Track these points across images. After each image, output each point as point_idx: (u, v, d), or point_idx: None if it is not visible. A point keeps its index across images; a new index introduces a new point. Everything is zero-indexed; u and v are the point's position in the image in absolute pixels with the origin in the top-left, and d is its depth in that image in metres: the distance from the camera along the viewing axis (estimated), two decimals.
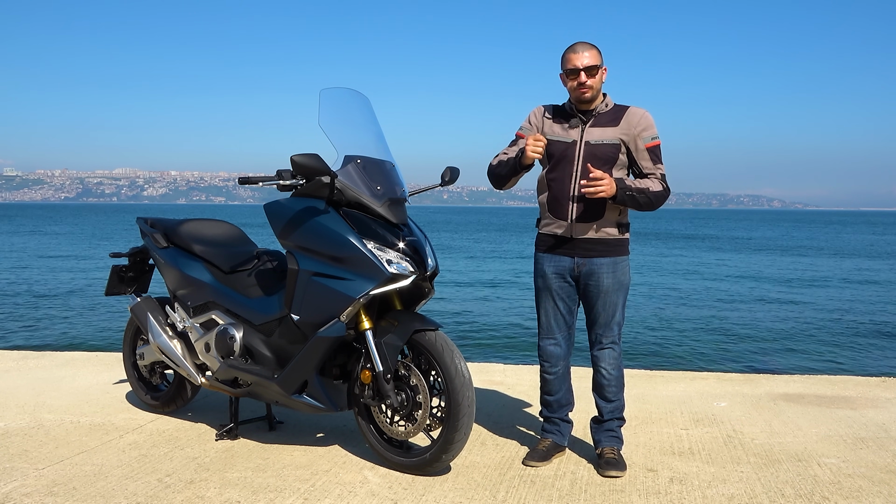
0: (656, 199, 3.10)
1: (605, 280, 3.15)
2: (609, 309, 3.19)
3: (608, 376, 3.23)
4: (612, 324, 3.21)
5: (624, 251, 3.20)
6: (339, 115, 3.30)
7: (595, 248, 3.15)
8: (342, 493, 2.90)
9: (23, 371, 5.05)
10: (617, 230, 3.16)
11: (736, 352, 10.66)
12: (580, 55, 3.06)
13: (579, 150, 3.12)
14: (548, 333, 3.29)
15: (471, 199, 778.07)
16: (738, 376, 5.09)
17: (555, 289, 3.24)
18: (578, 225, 3.14)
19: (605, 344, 3.23)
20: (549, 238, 3.24)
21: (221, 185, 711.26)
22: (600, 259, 3.15)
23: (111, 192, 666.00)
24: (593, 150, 3.10)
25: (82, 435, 3.65)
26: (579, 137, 3.13)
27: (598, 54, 3.09)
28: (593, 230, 3.13)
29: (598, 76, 3.09)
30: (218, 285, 3.62)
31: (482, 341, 11.39)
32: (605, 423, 3.28)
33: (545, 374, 3.32)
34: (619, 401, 3.27)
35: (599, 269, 3.14)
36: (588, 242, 3.15)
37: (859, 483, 3.04)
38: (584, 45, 3.09)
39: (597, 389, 3.28)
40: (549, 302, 3.26)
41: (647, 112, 3.13)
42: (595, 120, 3.14)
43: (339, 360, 3.29)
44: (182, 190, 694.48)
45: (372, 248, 3.03)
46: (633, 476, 3.11)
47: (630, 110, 3.14)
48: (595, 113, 3.15)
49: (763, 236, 53.63)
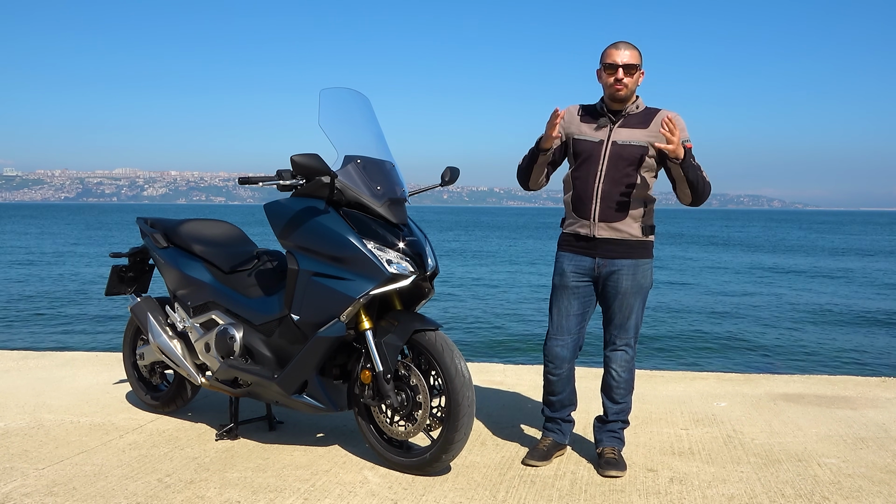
0: (706, 186, 3.06)
1: (624, 282, 3.13)
2: (625, 311, 3.17)
3: (617, 378, 3.23)
4: (626, 326, 3.19)
5: (647, 254, 3.17)
6: (339, 115, 3.30)
7: (616, 250, 3.13)
8: (342, 493, 2.90)
9: (23, 371, 5.05)
10: (640, 232, 3.13)
11: (736, 352, 10.66)
12: (621, 52, 3.07)
13: (605, 151, 3.10)
14: (557, 333, 3.26)
15: (471, 199, 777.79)
16: (738, 376, 5.09)
17: (571, 287, 3.21)
18: (601, 225, 3.11)
19: (618, 346, 3.22)
20: (571, 237, 3.22)
21: (221, 185, 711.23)
22: (622, 260, 3.13)
23: (111, 192, 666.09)
24: (620, 151, 3.08)
25: (82, 435, 3.65)
26: (606, 137, 3.11)
27: (639, 55, 3.09)
28: (616, 231, 3.11)
29: (635, 77, 3.09)
30: (218, 285, 3.62)
31: (482, 341, 11.39)
32: (609, 423, 3.28)
33: (549, 375, 3.31)
34: (626, 403, 3.27)
35: (619, 270, 3.12)
36: (610, 243, 3.12)
37: (859, 483, 3.04)
38: (626, 44, 3.09)
39: (605, 390, 3.28)
40: (563, 300, 3.23)
41: (678, 115, 3.07)
42: (624, 121, 3.12)
43: (339, 360, 3.29)
44: (182, 190, 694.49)
45: (372, 248, 3.03)
46: (633, 476, 3.11)
47: (661, 113, 3.11)
48: (625, 114, 3.13)
49: (763, 236, 53.63)
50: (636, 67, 3.07)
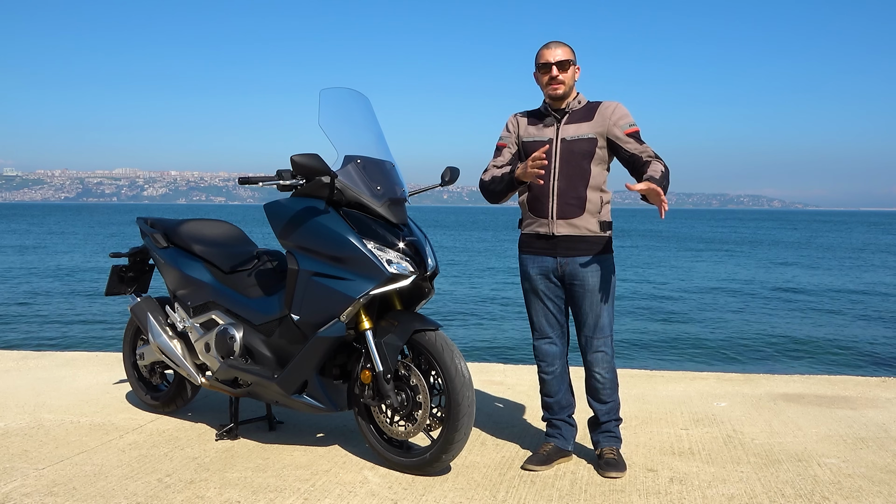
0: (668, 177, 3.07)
1: (590, 279, 3.13)
2: (596, 308, 3.16)
3: (602, 380, 3.21)
4: (601, 324, 3.18)
5: (606, 249, 3.18)
6: (339, 115, 3.30)
7: (577, 247, 3.13)
8: (342, 493, 2.90)
9: (23, 371, 5.05)
10: (598, 227, 3.14)
11: (736, 352, 10.66)
12: (553, 51, 3.13)
13: (556, 148, 3.13)
14: (541, 334, 3.29)
15: (471, 199, 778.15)
16: (738, 376, 5.08)
17: (541, 290, 3.23)
18: (559, 223, 3.13)
19: (597, 347, 3.20)
20: (531, 238, 3.23)
21: (221, 185, 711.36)
22: (583, 258, 3.13)
23: (111, 192, 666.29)
24: (570, 147, 3.12)
25: (82, 435, 3.65)
26: (555, 135, 3.15)
27: (571, 51, 3.15)
28: (575, 227, 3.12)
29: (570, 72, 3.13)
30: (218, 285, 3.62)
31: (482, 341, 11.39)
32: (602, 424, 3.27)
33: (542, 374, 3.31)
34: (614, 401, 3.26)
35: (583, 268, 3.13)
36: (569, 241, 3.13)
37: (859, 483, 3.04)
38: (557, 42, 3.15)
39: (591, 393, 3.26)
40: (537, 303, 3.26)
41: (620, 104, 3.15)
42: (569, 117, 3.16)
43: (339, 360, 3.29)
44: (182, 190, 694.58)
45: (372, 248, 3.03)
46: (633, 476, 3.11)
47: (602, 104, 3.17)
48: (569, 110, 3.17)
49: (764, 235, 53.63)
50: (569, 62, 3.12)
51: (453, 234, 53.75)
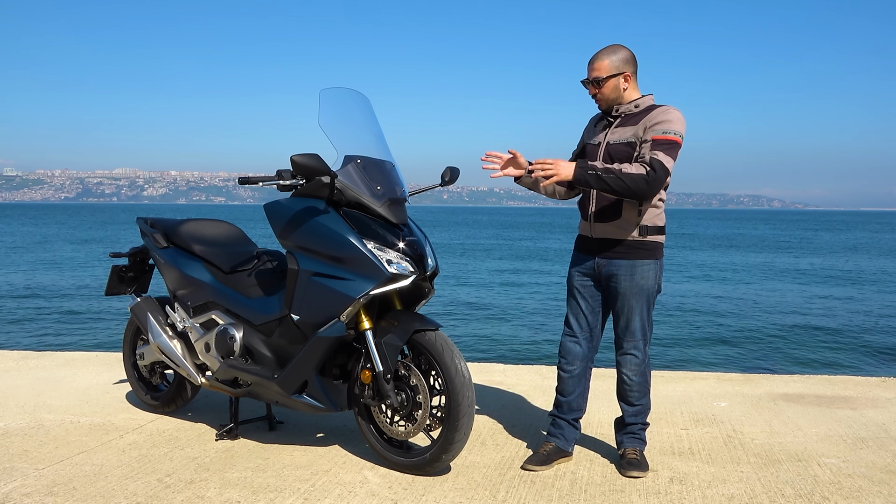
0: (631, 181, 2.92)
1: (623, 283, 3.15)
2: (627, 313, 3.18)
3: (629, 382, 3.23)
4: (631, 328, 3.19)
5: (646, 255, 3.14)
6: (339, 115, 3.30)
7: (614, 249, 3.16)
8: (342, 493, 2.90)
9: (23, 371, 5.05)
10: (637, 232, 3.13)
11: (736, 352, 10.66)
12: (589, 67, 3.16)
13: (601, 151, 3.17)
14: (569, 330, 3.34)
15: (471, 199, 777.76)
16: (738, 376, 5.08)
17: (577, 287, 3.29)
18: (597, 225, 3.18)
19: (626, 349, 3.22)
20: (579, 238, 3.33)
21: (221, 185, 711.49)
22: (619, 261, 3.15)
23: (111, 192, 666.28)
24: (610, 151, 3.14)
25: (82, 435, 3.65)
26: (603, 138, 3.19)
27: (608, 65, 3.10)
28: (611, 230, 3.15)
29: (611, 85, 3.11)
30: (218, 285, 3.62)
31: (482, 341, 11.39)
32: (628, 426, 3.28)
33: (561, 371, 3.34)
34: (643, 405, 3.27)
35: (617, 270, 3.15)
36: (607, 243, 3.17)
37: (859, 483, 3.04)
38: (596, 56, 3.14)
39: (619, 393, 3.29)
40: (572, 300, 3.33)
41: (671, 109, 3.05)
42: (621, 121, 3.17)
43: (339, 360, 3.29)
44: (182, 190, 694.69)
45: (372, 248, 3.03)
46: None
47: (655, 109, 3.09)
48: (621, 114, 3.17)
49: (763, 235, 53.64)
50: (605, 78, 3.11)
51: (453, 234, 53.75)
